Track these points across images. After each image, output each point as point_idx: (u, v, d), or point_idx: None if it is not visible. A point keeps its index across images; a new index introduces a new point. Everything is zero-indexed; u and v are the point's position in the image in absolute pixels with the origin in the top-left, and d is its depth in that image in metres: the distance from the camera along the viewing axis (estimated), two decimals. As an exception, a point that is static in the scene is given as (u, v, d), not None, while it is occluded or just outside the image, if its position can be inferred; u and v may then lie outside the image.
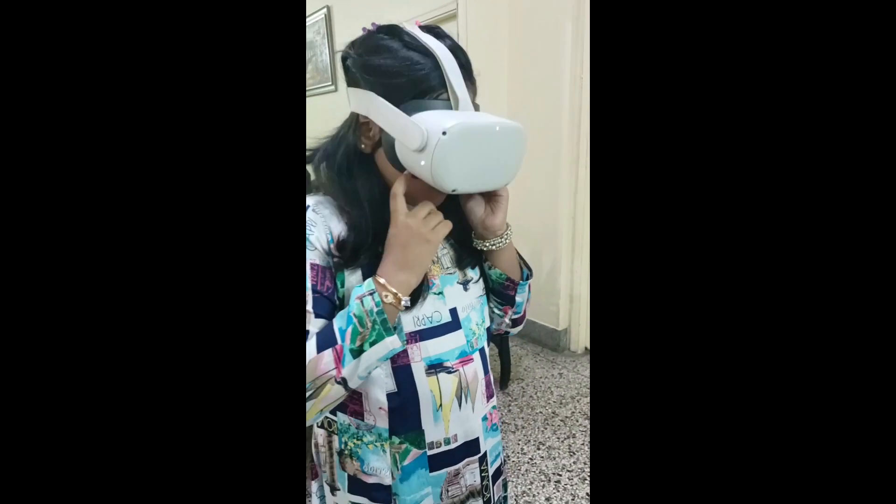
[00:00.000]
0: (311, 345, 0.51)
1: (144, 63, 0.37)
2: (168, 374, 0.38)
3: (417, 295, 0.58)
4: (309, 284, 0.54)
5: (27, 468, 0.36)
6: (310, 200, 0.59)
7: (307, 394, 0.51)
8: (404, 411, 0.61)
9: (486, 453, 0.68)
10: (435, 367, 0.61)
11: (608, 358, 0.44)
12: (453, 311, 0.63)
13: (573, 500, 1.52)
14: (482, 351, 0.66)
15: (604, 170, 0.44)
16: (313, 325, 0.53)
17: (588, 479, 1.56)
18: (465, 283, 0.65)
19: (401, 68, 0.52)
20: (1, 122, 0.34)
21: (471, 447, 0.66)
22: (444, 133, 0.48)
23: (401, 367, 0.59)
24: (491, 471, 0.70)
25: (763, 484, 0.40)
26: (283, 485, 0.41)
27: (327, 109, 3.45)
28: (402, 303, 0.53)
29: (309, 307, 0.53)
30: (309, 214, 0.57)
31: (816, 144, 0.38)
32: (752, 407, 0.40)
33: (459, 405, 0.63)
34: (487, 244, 0.63)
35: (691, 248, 0.42)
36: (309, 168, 0.61)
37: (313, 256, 0.55)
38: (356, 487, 0.64)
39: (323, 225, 0.57)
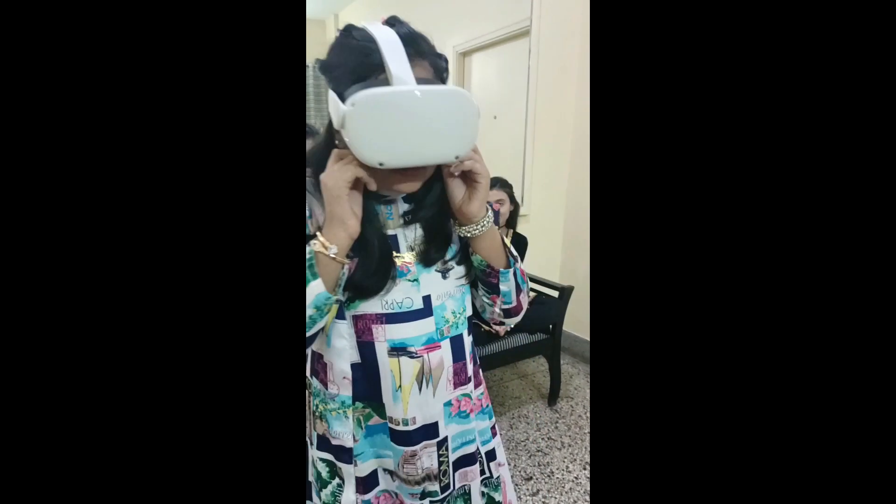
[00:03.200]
0: None
1: (153, 62, 0.39)
2: (169, 358, 0.40)
3: (381, 274, 0.60)
4: None
5: (27, 470, 0.36)
6: None
7: None
8: (366, 383, 0.63)
9: (446, 438, 0.68)
10: (398, 350, 0.62)
11: (608, 358, 0.44)
12: (426, 299, 0.63)
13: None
14: (456, 339, 0.66)
15: (604, 171, 0.44)
16: None
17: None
18: (443, 272, 0.64)
19: (343, 58, 0.54)
20: (1, 122, 0.35)
21: (429, 430, 0.66)
22: (351, 105, 0.48)
23: (365, 342, 0.62)
24: (452, 457, 0.69)
25: (768, 485, 0.39)
26: (283, 473, 0.43)
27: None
28: (330, 251, 0.54)
29: None
30: None
31: (808, 144, 0.38)
32: (752, 408, 0.39)
33: (420, 389, 0.64)
34: (464, 231, 0.62)
35: (692, 249, 0.41)
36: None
37: None
38: (323, 445, 0.67)
39: (307, 202, 0.61)
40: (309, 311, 0.55)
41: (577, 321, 2.49)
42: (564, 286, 2.00)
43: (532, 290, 2.13)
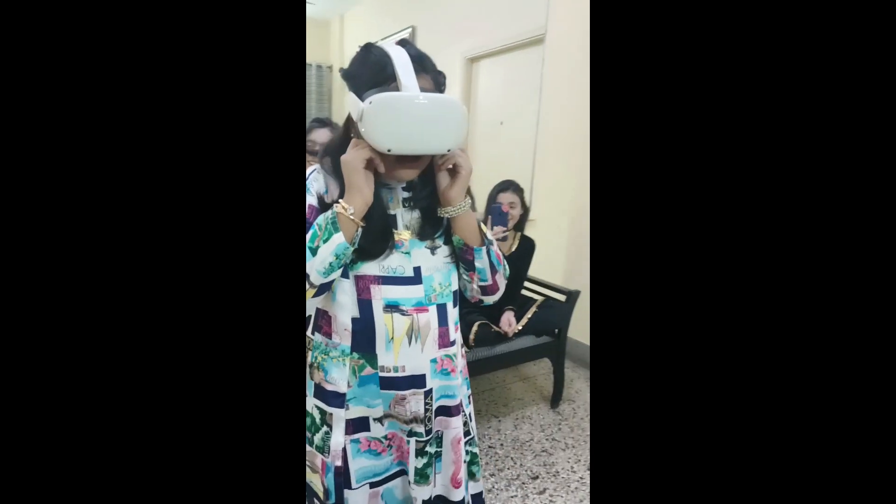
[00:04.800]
0: None
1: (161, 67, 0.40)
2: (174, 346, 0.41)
3: (381, 241, 0.74)
4: (307, 218, 0.72)
5: (28, 465, 0.36)
6: (315, 165, 0.79)
7: None
8: (363, 335, 0.76)
9: (431, 390, 0.80)
10: (391, 308, 0.75)
11: (608, 359, 0.44)
12: (417, 269, 0.77)
13: (625, 523, 1.48)
14: (442, 307, 0.79)
15: (604, 172, 0.45)
16: None
17: None
18: (432, 249, 0.79)
19: (362, 69, 0.70)
20: (1, 122, 0.36)
21: (416, 380, 0.78)
22: (369, 103, 0.63)
23: (364, 300, 0.75)
24: (434, 405, 0.82)
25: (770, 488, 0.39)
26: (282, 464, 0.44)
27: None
28: (349, 212, 0.68)
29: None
30: (314, 174, 0.77)
31: (802, 149, 0.38)
32: (753, 410, 0.39)
33: (409, 342, 0.76)
34: (444, 211, 0.76)
35: (691, 251, 0.41)
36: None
37: (310, 200, 0.75)
38: (319, 393, 0.80)
39: (324, 180, 0.77)
40: (330, 259, 0.69)
41: (579, 327, 2.52)
42: (571, 290, 2.04)
43: (539, 293, 2.16)
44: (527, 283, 2.16)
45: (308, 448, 0.81)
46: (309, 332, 0.82)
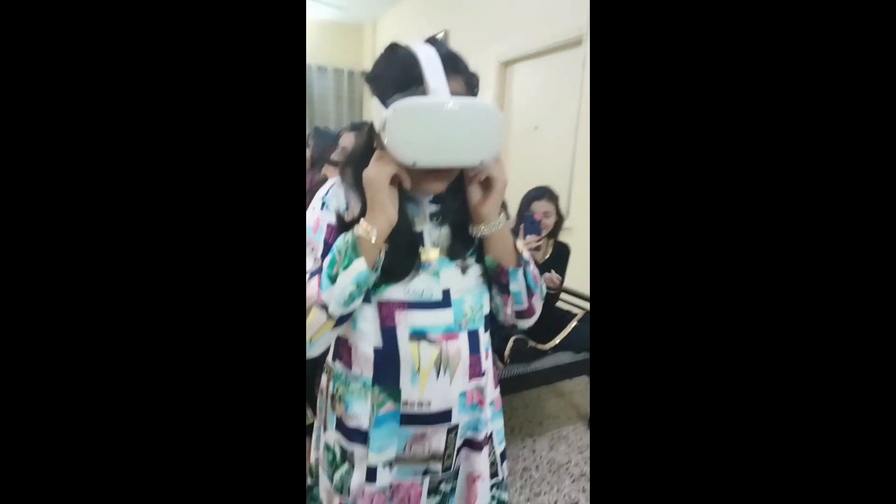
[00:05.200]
0: (308, 279, 0.62)
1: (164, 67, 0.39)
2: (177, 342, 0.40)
3: (406, 261, 0.66)
4: (322, 237, 0.65)
5: (28, 468, 0.36)
6: (335, 178, 0.71)
7: None
8: (386, 367, 0.68)
9: (457, 426, 0.72)
10: (418, 336, 0.67)
11: (609, 364, 0.44)
12: (446, 292, 0.68)
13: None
14: (473, 333, 0.71)
15: (604, 172, 0.44)
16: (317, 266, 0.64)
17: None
18: (463, 268, 0.70)
19: (386, 71, 0.62)
20: (1, 123, 0.35)
21: (442, 416, 0.70)
22: (392, 110, 0.55)
23: (387, 328, 0.67)
24: (458, 443, 0.73)
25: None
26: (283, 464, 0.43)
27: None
28: (371, 235, 0.60)
29: (318, 255, 0.65)
30: (334, 189, 0.69)
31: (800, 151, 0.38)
32: (753, 415, 0.39)
33: (437, 374, 0.68)
34: (477, 229, 0.67)
35: (692, 259, 0.41)
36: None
37: (329, 217, 0.66)
38: (339, 427, 0.72)
39: (343, 195, 0.68)
40: (350, 288, 0.61)
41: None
42: (613, 304, 1.93)
43: (580, 307, 2.05)
44: (565, 296, 2.06)
45: (327, 485, 0.74)
46: (329, 360, 0.74)
